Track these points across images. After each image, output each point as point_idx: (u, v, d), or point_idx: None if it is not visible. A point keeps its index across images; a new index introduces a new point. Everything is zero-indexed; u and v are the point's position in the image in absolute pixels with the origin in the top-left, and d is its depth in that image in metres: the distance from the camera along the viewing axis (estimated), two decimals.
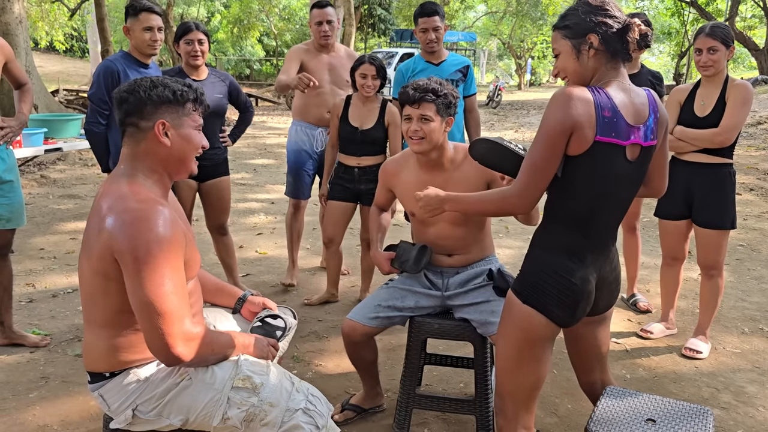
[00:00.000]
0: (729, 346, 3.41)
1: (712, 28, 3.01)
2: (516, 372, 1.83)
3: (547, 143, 1.65)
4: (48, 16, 19.15)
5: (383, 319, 2.44)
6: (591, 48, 1.70)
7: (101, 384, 1.68)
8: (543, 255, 1.79)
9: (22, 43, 8.77)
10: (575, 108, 1.62)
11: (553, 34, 1.79)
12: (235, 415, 1.67)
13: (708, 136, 3.05)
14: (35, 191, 6.97)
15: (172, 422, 1.67)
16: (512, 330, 1.81)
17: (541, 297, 1.76)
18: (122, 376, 1.67)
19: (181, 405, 1.67)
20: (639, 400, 1.95)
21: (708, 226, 3.15)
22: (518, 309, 1.79)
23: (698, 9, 17.04)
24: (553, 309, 1.75)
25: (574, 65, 1.74)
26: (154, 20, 3.13)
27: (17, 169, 3.09)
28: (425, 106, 2.36)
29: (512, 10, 32.99)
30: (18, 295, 3.87)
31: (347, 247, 4.74)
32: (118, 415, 1.68)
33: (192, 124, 1.70)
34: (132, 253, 1.51)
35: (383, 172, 2.63)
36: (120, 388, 1.66)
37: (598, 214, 1.76)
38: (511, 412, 1.87)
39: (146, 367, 1.68)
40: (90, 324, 1.68)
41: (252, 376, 1.71)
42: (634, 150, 1.72)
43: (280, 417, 1.69)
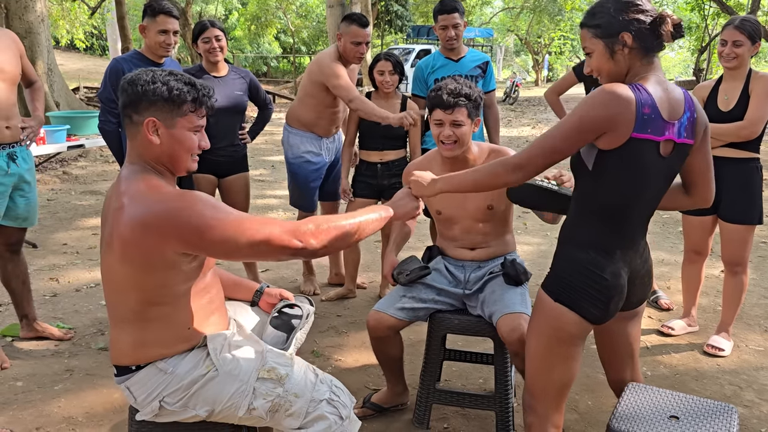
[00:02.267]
0: (752, 344, 3.37)
1: (741, 21, 2.98)
2: (547, 370, 1.81)
3: (572, 134, 1.63)
4: (69, 14, 19.35)
5: (408, 310, 2.44)
6: (625, 47, 1.67)
7: (127, 377, 1.70)
8: (573, 252, 1.77)
9: (44, 41, 8.89)
10: (616, 108, 1.59)
11: (582, 32, 1.75)
12: (260, 405, 1.70)
13: (733, 130, 3.02)
14: (57, 187, 7.07)
15: (198, 413, 1.69)
16: (543, 328, 1.80)
17: (573, 294, 1.74)
18: (148, 369, 1.68)
19: (207, 396, 1.69)
20: (662, 396, 1.93)
21: (735, 221, 3.11)
22: (549, 307, 1.78)
23: (719, 3, 16.78)
24: (584, 306, 1.73)
25: (608, 65, 1.71)
26: (171, 24, 3.15)
27: (35, 170, 3.15)
28: (458, 111, 2.36)
29: (529, 6, 32.75)
30: (42, 290, 3.94)
31: (364, 243, 4.75)
32: (144, 407, 1.70)
33: (187, 125, 1.63)
34: (194, 230, 1.49)
35: (407, 175, 2.57)
36: (146, 380, 1.68)
37: (630, 209, 1.73)
38: (541, 410, 1.85)
39: (172, 359, 1.70)
40: (116, 320, 1.70)
41: (277, 368, 1.73)
42: (668, 146, 1.69)
43: (305, 407, 1.72)
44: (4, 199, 2.95)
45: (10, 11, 8.50)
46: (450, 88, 2.37)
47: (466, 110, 2.37)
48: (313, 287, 4.02)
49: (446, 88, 2.38)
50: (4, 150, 2.92)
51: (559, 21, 31.91)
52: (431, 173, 1.97)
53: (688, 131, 1.73)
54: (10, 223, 3.05)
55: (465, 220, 2.51)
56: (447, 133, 2.38)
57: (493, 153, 2.51)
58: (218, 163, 3.55)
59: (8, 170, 2.93)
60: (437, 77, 3.61)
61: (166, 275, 1.59)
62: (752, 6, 14.28)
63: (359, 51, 3.49)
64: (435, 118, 2.41)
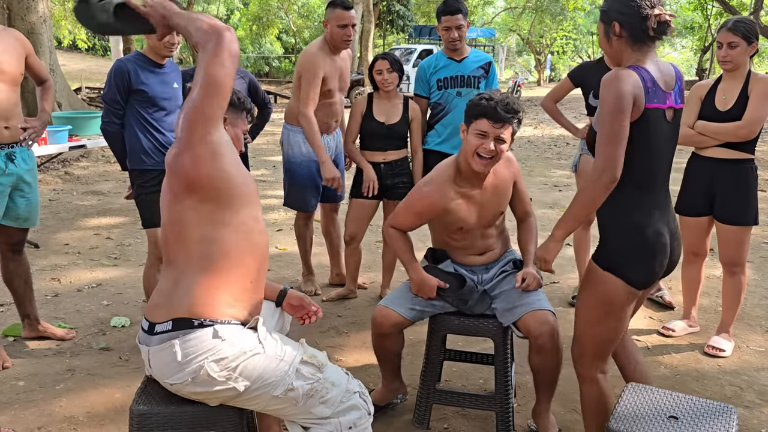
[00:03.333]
0: (753, 345, 3.37)
1: (735, 22, 2.98)
2: (596, 332, 2.03)
3: (620, 114, 1.82)
4: (71, 14, 19.39)
5: (418, 312, 2.43)
6: (614, 34, 1.93)
7: (185, 332, 1.71)
8: (615, 220, 1.96)
9: (46, 42, 8.91)
10: (630, 82, 1.83)
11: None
12: (300, 386, 1.77)
13: (731, 130, 3.02)
14: (59, 187, 7.09)
15: (236, 386, 1.72)
16: (593, 295, 2.00)
17: (618, 259, 1.94)
18: (208, 329, 1.72)
19: (251, 370, 1.73)
20: (661, 396, 1.93)
21: (730, 222, 3.12)
22: (598, 276, 1.96)
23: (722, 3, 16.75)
24: (631, 269, 1.92)
25: (605, 46, 1.98)
26: None
27: (36, 170, 3.16)
28: (507, 127, 2.28)
29: (532, 6, 32.74)
30: (43, 290, 3.95)
31: (365, 244, 4.75)
32: (185, 368, 1.71)
33: (242, 127, 2.12)
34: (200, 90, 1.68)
35: (424, 203, 2.44)
36: (202, 341, 1.71)
37: (655, 172, 1.96)
38: (588, 362, 2.07)
39: (231, 326, 1.75)
40: (180, 272, 1.77)
41: (317, 356, 1.85)
42: (670, 112, 1.95)
43: (339, 396, 1.82)
44: (2, 199, 2.95)
45: (13, 12, 8.52)
46: (505, 102, 2.25)
47: (512, 129, 2.30)
48: (313, 287, 4.03)
49: (501, 101, 2.24)
50: (3, 150, 2.93)
51: (562, 21, 31.90)
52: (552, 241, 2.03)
53: (681, 97, 2.01)
54: (11, 224, 3.06)
55: (479, 229, 2.52)
56: (489, 148, 2.26)
57: (502, 161, 2.49)
58: None
59: (6, 170, 2.94)
60: (440, 77, 3.62)
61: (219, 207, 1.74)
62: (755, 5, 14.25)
63: (345, 34, 3.53)
64: (479, 128, 2.27)
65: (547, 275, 4.40)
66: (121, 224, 5.62)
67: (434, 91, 3.65)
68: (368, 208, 3.70)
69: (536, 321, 2.27)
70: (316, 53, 3.54)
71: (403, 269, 4.28)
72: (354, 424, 1.83)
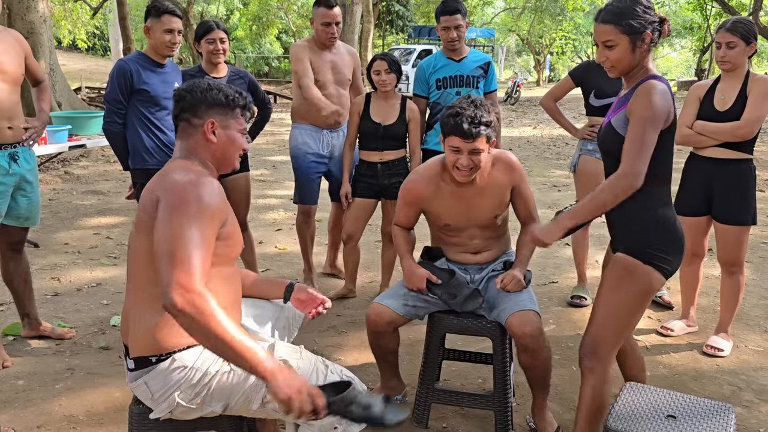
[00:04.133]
0: (751, 344, 3.37)
1: (733, 23, 2.98)
2: (626, 323, 2.07)
3: (657, 127, 1.91)
4: (71, 15, 19.41)
5: (410, 308, 2.44)
6: (644, 43, 1.96)
7: (147, 370, 1.72)
8: (647, 215, 2.02)
9: (46, 42, 8.91)
10: (667, 96, 1.93)
11: (604, 27, 1.97)
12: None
13: (730, 130, 3.02)
14: (59, 187, 7.09)
15: (214, 409, 1.73)
16: (633, 289, 2.03)
17: (659, 252, 2.01)
18: (167, 363, 1.71)
19: (222, 391, 1.72)
20: (659, 396, 1.94)
21: (728, 222, 3.12)
22: (640, 270, 2.01)
23: (721, 3, 16.76)
24: (668, 261, 2.01)
25: (629, 58, 1.98)
26: (176, 23, 3.17)
27: (37, 170, 3.17)
28: (478, 140, 2.27)
29: (531, 6, 32.75)
30: (43, 289, 3.95)
31: (364, 243, 4.76)
32: (160, 403, 1.72)
33: (237, 127, 1.86)
34: (169, 201, 1.63)
35: (411, 193, 2.52)
36: (165, 374, 1.70)
37: (670, 168, 2.06)
38: (604, 353, 2.09)
39: (190, 351, 1.73)
40: (139, 304, 1.73)
41: (288, 360, 1.78)
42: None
43: None
44: (5, 199, 2.96)
45: (13, 11, 8.52)
46: (470, 116, 2.25)
47: (485, 137, 2.29)
48: (314, 286, 4.03)
49: (466, 116, 2.25)
50: (6, 150, 2.94)
51: (561, 21, 31.91)
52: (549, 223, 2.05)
53: None
54: (12, 223, 3.07)
55: (471, 229, 2.52)
56: (465, 162, 2.29)
57: (497, 162, 2.48)
58: None
59: (9, 170, 2.95)
60: (439, 77, 3.62)
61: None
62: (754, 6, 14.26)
63: (329, 32, 3.66)
64: (451, 144, 2.30)
65: (547, 276, 4.40)
66: (120, 224, 5.63)
67: (433, 91, 3.66)
68: (366, 208, 3.70)
69: (519, 321, 2.27)
70: (299, 45, 3.77)
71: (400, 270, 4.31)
72: (338, 423, 1.80)
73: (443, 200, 2.47)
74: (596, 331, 2.11)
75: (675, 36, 34.50)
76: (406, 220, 2.62)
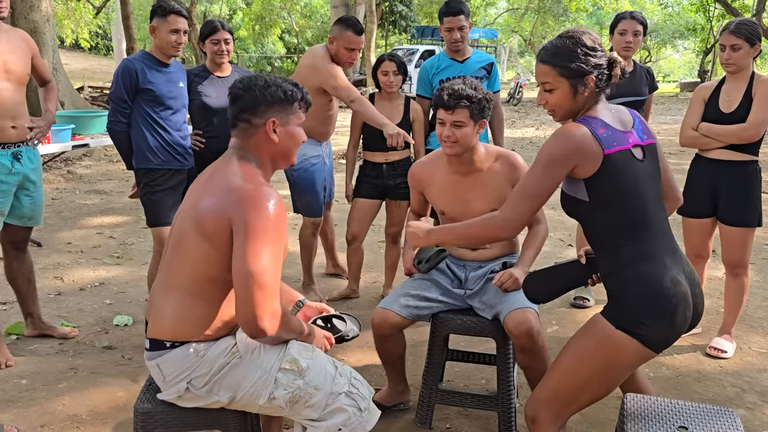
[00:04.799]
0: (755, 346, 3.37)
1: (737, 25, 2.98)
2: (578, 390, 1.81)
3: (547, 174, 1.76)
4: (74, 14, 19.42)
5: (413, 309, 2.45)
6: (587, 88, 1.79)
7: (161, 353, 1.75)
8: (622, 273, 1.76)
9: (49, 41, 8.92)
10: (578, 141, 1.73)
11: (543, 68, 1.82)
12: (281, 395, 1.75)
13: (735, 131, 3.02)
14: (62, 186, 7.10)
15: (220, 399, 1.75)
16: (594, 351, 1.77)
17: (635, 316, 1.71)
18: (183, 349, 1.74)
19: (230, 382, 1.74)
20: (662, 406, 1.90)
21: (734, 224, 3.12)
22: (607, 333, 1.74)
23: (724, 4, 16.75)
24: (650, 328, 1.70)
25: (569, 103, 1.82)
26: (182, 23, 3.16)
27: (41, 170, 3.17)
28: (459, 112, 2.35)
29: (534, 7, 32.74)
30: (46, 288, 3.96)
31: (368, 244, 4.76)
32: (170, 386, 1.76)
33: (297, 121, 1.84)
34: (247, 226, 1.63)
35: (413, 176, 2.65)
36: (178, 360, 1.73)
37: (650, 216, 1.79)
38: (549, 417, 1.85)
39: (205, 343, 1.76)
40: (167, 288, 1.76)
41: (298, 359, 1.79)
42: (637, 150, 1.82)
43: (324, 400, 1.79)
44: (8, 198, 2.97)
45: (16, 11, 8.53)
46: (452, 89, 2.37)
47: (468, 111, 2.36)
48: (317, 297, 3.91)
49: (449, 89, 2.38)
50: (9, 149, 2.94)
51: (564, 22, 31.86)
52: (428, 224, 2.05)
53: (647, 133, 1.88)
54: (16, 222, 3.07)
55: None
56: (447, 133, 2.39)
57: (500, 158, 2.51)
58: None
59: (12, 169, 2.95)
60: (442, 78, 3.62)
61: (229, 257, 1.68)
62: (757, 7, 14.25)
63: (352, 57, 3.49)
64: (438, 117, 2.42)
65: None
66: (123, 223, 5.63)
67: None
68: (370, 208, 3.71)
69: (514, 321, 2.27)
70: (330, 63, 3.46)
71: None
72: (343, 425, 1.82)
73: (440, 187, 2.55)
74: (548, 386, 1.86)
75: (678, 37, 34.47)
76: (415, 206, 2.76)
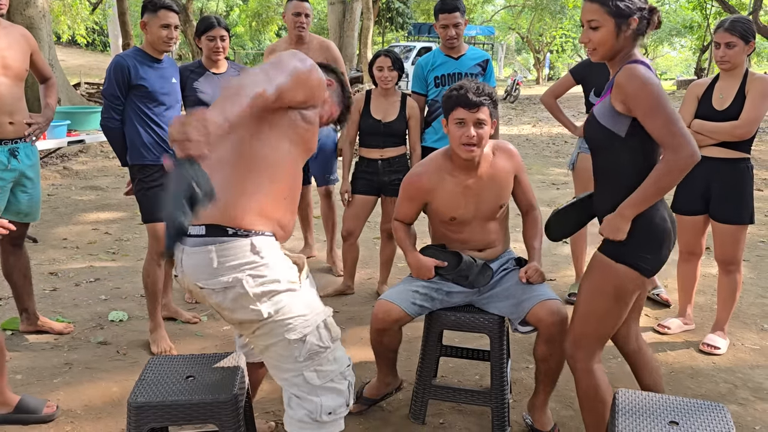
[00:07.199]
0: (747, 343, 3.39)
1: (731, 22, 2.98)
2: (599, 323, 2.04)
3: (665, 95, 1.85)
4: (70, 10, 19.35)
5: (419, 307, 2.43)
6: (629, 29, 1.91)
7: (220, 240, 1.70)
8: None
9: (45, 37, 8.90)
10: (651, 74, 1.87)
11: (591, 6, 1.92)
12: (311, 342, 1.79)
13: (728, 129, 3.03)
14: (58, 182, 7.09)
15: (261, 309, 1.73)
16: (604, 288, 2.00)
17: (632, 250, 1.94)
18: (245, 242, 1.71)
19: (280, 301, 1.75)
20: (652, 401, 1.91)
21: (726, 221, 3.13)
22: (610, 268, 1.98)
23: (721, 2, 16.76)
24: (643, 258, 1.94)
25: (611, 41, 1.92)
26: (172, 18, 3.15)
27: (39, 166, 3.17)
28: (483, 110, 2.31)
29: (531, 4, 32.72)
30: (42, 284, 3.96)
31: (363, 240, 4.76)
32: (218, 275, 1.70)
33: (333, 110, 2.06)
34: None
35: (414, 187, 2.50)
36: (241, 251, 1.71)
37: (655, 159, 1.96)
38: (589, 353, 2.07)
39: (266, 239, 1.76)
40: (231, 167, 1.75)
41: (336, 328, 1.87)
42: None
43: (334, 373, 1.84)
44: (4, 194, 2.96)
45: (12, 6, 8.50)
46: (474, 87, 2.32)
47: (488, 110, 2.33)
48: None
49: (470, 86, 2.32)
50: (6, 145, 2.94)
51: (561, 19, 31.87)
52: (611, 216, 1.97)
53: None
54: (12, 218, 3.06)
55: (477, 222, 2.50)
56: (471, 134, 2.29)
57: (497, 150, 2.50)
58: None
59: (8, 165, 2.95)
60: (437, 75, 3.63)
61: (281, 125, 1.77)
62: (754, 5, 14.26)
63: (299, 22, 3.78)
64: (456, 117, 2.32)
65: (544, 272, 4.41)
66: (119, 219, 5.63)
67: (432, 89, 3.66)
68: (366, 205, 3.71)
69: (547, 310, 2.29)
70: (275, 43, 3.99)
71: (401, 265, 4.31)
72: (333, 411, 1.85)
73: (448, 193, 2.45)
74: (576, 330, 2.10)
75: (675, 35, 34.48)
76: (406, 216, 2.60)
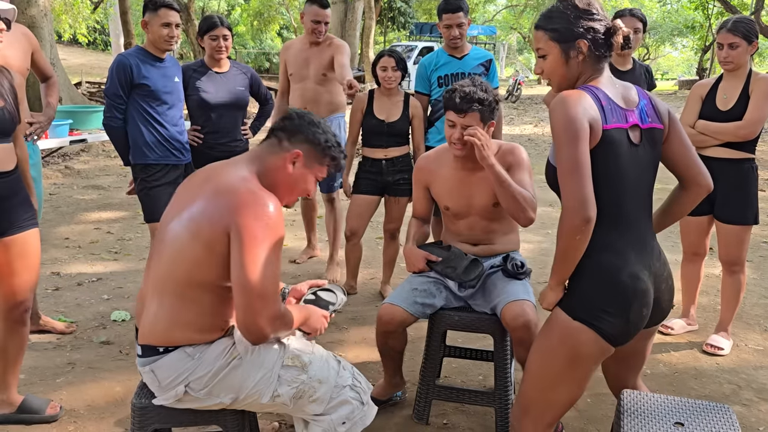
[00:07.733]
0: (751, 343, 3.38)
1: (734, 23, 2.97)
2: (550, 390, 1.73)
3: (576, 139, 1.58)
4: (72, 9, 19.33)
5: (420, 306, 2.43)
6: (580, 53, 1.69)
7: (154, 359, 1.73)
8: (583, 262, 1.67)
9: (46, 36, 8.89)
10: (581, 104, 1.61)
11: (537, 34, 1.75)
12: (285, 392, 1.76)
13: (732, 130, 3.02)
14: (60, 182, 7.09)
15: (222, 401, 1.75)
16: (556, 347, 1.70)
17: (590, 306, 1.66)
18: (176, 353, 1.72)
19: (232, 384, 1.74)
20: (658, 402, 1.90)
21: (730, 222, 3.12)
22: (565, 324, 1.69)
23: (723, 2, 16.74)
24: (604, 320, 1.64)
25: (562, 70, 1.73)
26: (173, 17, 3.15)
27: (41, 165, 3.16)
28: (471, 116, 2.35)
29: (533, 4, 32.70)
30: (44, 283, 3.95)
31: (366, 240, 4.76)
32: (167, 391, 1.74)
33: (317, 173, 1.88)
34: (247, 234, 1.62)
35: (419, 170, 2.63)
36: (173, 364, 1.72)
37: (624, 205, 1.69)
38: (532, 427, 1.78)
39: (199, 346, 1.74)
40: (161, 293, 1.73)
41: (300, 355, 1.81)
42: (635, 132, 1.70)
43: (328, 393, 1.81)
44: None
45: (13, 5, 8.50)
46: (464, 92, 2.34)
47: (479, 115, 2.36)
48: None
49: (460, 92, 2.35)
50: None
51: None
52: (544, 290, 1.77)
53: (652, 116, 1.75)
54: None
55: (471, 217, 2.53)
56: (457, 136, 2.38)
57: (502, 151, 2.51)
58: (220, 158, 3.55)
59: None
60: (440, 74, 3.62)
61: (224, 262, 1.66)
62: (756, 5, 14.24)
63: (317, 29, 3.83)
64: (448, 119, 2.41)
65: (547, 274, 4.40)
66: (121, 218, 5.63)
67: (435, 89, 3.65)
68: (369, 205, 3.71)
69: (512, 313, 2.25)
70: (290, 42, 4.13)
71: (403, 265, 4.30)
72: (347, 419, 1.84)
73: (446, 181, 2.54)
74: (523, 395, 1.80)
75: (677, 35, 34.45)
76: (418, 204, 2.67)
